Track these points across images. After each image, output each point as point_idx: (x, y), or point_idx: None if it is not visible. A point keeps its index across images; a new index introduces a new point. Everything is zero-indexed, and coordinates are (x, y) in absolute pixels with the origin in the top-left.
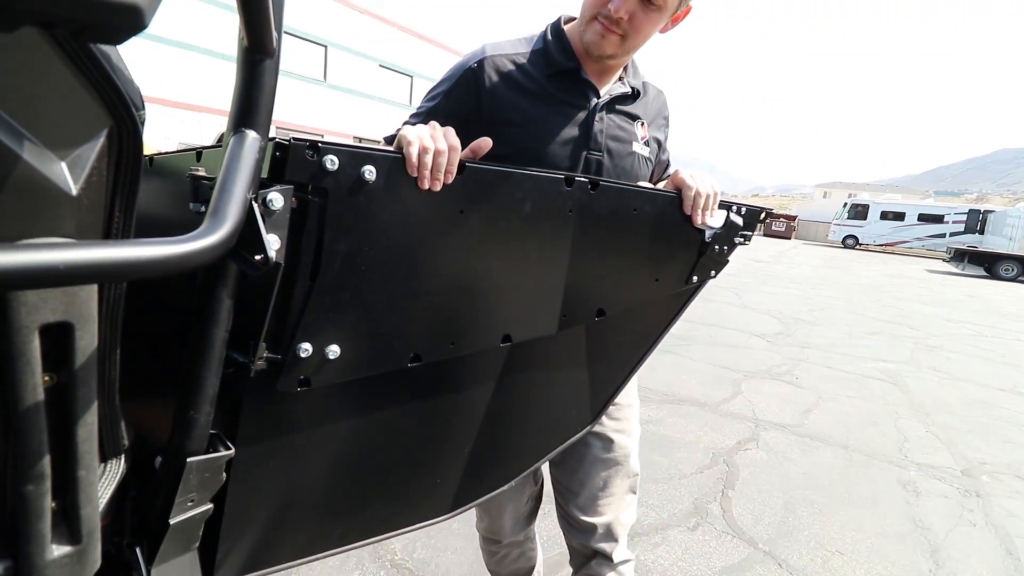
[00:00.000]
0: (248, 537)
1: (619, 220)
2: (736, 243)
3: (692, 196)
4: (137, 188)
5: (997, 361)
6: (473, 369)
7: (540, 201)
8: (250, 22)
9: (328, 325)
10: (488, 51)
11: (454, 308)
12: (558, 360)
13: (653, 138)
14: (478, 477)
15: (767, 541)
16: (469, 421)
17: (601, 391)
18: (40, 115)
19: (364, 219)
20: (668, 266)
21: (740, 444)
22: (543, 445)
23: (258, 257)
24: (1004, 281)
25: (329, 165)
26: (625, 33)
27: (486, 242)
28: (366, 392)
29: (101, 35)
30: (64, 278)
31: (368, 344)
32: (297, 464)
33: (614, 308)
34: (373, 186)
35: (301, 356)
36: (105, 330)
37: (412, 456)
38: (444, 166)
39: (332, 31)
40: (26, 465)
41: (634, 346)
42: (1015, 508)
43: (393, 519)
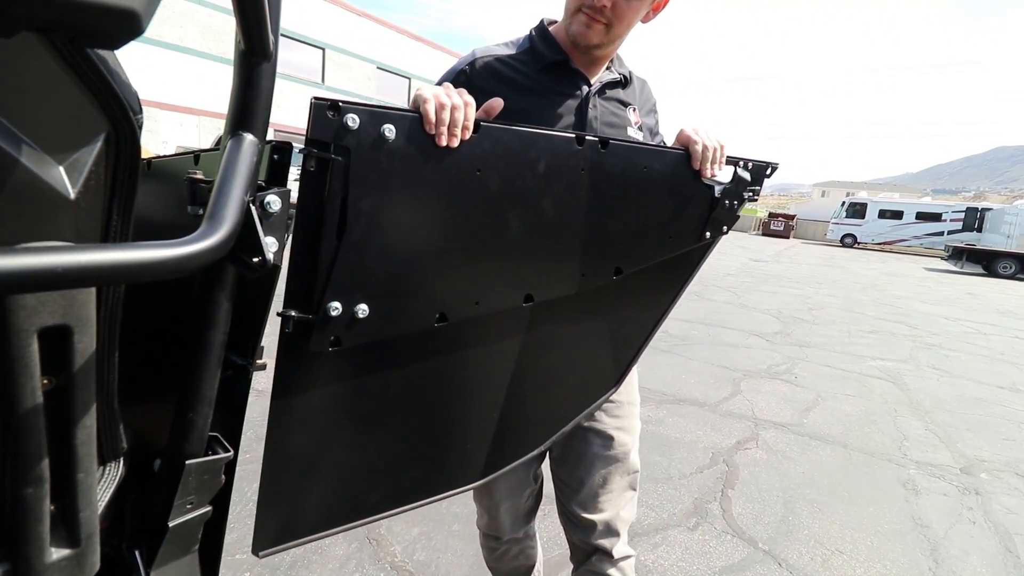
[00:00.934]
0: (284, 505)
1: (630, 178)
2: (745, 198)
3: (699, 150)
4: (135, 192)
5: (996, 359)
6: (499, 332)
7: (553, 160)
8: (247, 26)
9: (356, 284)
10: (478, 53)
11: (476, 267)
12: (580, 323)
13: (645, 124)
14: (507, 443)
15: (767, 540)
16: (496, 386)
17: (622, 354)
18: (38, 119)
19: (386, 177)
20: (681, 223)
21: (740, 443)
22: (568, 410)
23: (256, 259)
24: (1002, 279)
25: (350, 123)
26: (609, 21)
27: (503, 201)
28: (395, 355)
29: (98, 40)
30: (62, 281)
31: (395, 303)
32: (329, 428)
33: (631, 266)
34: (393, 144)
35: (332, 315)
36: (104, 333)
37: (442, 421)
38: (461, 121)
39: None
40: (25, 468)
41: (652, 306)
42: (1014, 505)
43: (426, 486)
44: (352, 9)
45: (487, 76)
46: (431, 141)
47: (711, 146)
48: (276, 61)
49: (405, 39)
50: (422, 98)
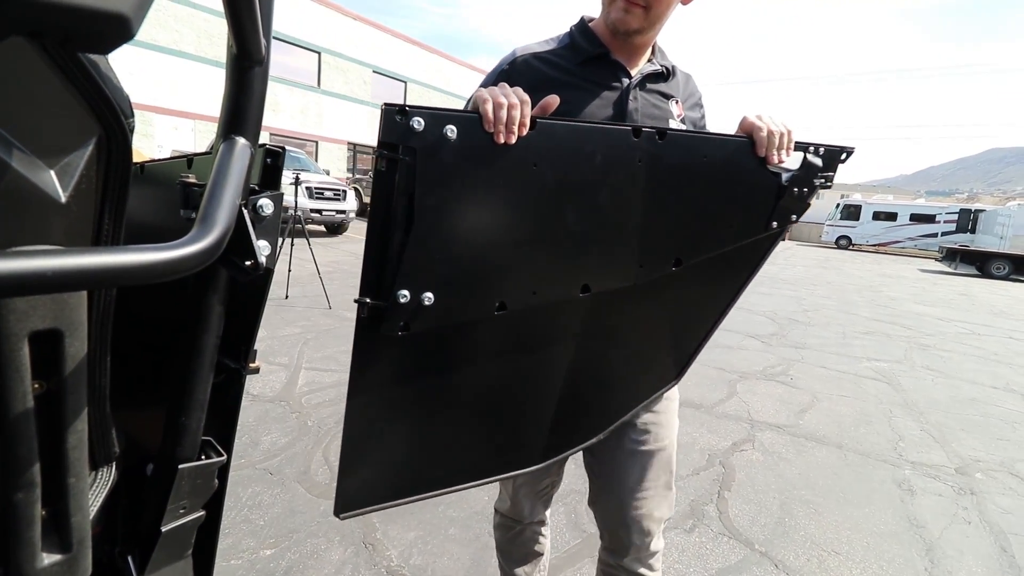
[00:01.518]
0: (361, 473)
1: (690, 168)
2: (816, 185)
3: (764, 136)
4: (126, 195)
5: (990, 359)
6: (559, 321)
7: (610, 152)
8: (239, 30)
9: (422, 274)
10: (518, 52)
11: (533, 258)
12: (640, 314)
13: (688, 117)
14: (565, 430)
15: (763, 542)
16: (556, 374)
17: (684, 346)
18: (29, 124)
19: (448, 174)
20: (744, 212)
21: (736, 445)
22: (626, 400)
23: (248, 263)
24: (996, 279)
25: (416, 126)
26: (647, 4)
27: (560, 194)
28: (460, 341)
29: (89, 44)
30: (52, 285)
31: (457, 292)
32: (400, 405)
33: (691, 257)
34: (455, 143)
35: (400, 302)
36: (95, 337)
37: (504, 405)
38: (517, 119)
39: (326, 37)
40: (16, 472)
41: (716, 298)
42: (1009, 505)
43: (489, 465)
44: (348, 13)
45: (526, 73)
46: (490, 139)
47: (776, 131)
48: (268, 65)
49: (401, 43)
50: (481, 98)
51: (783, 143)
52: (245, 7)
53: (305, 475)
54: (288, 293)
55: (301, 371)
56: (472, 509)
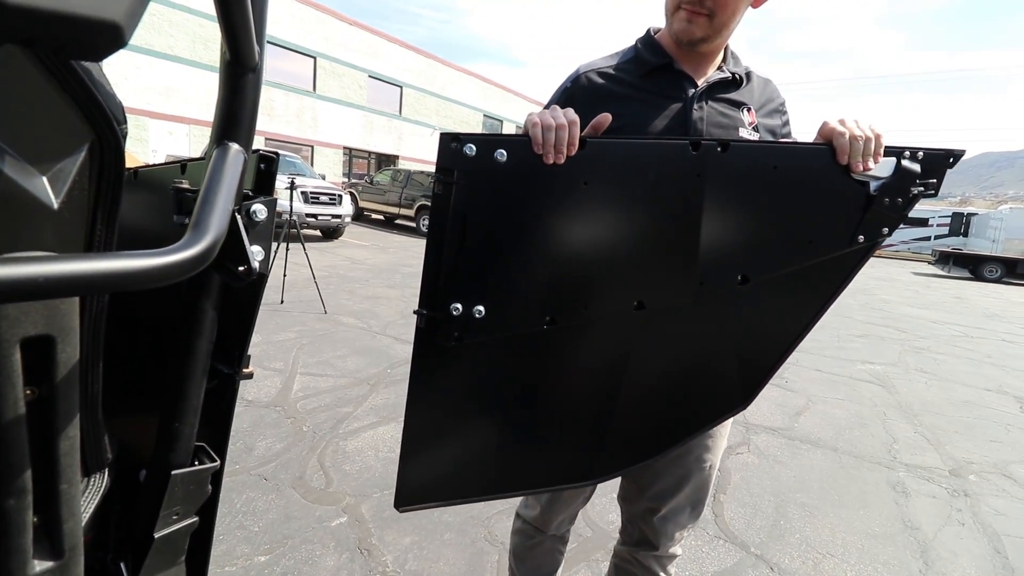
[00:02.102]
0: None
1: (757, 179)
2: (914, 193)
3: (845, 142)
4: (119, 201)
5: (983, 362)
6: (615, 337)
7: (665, 168)
8: (232, 36)
9: (474, 288)
10: (581, 69)
11: (584, 274)
12: (702, 332)
13: (764, 125)
14: (622, 447)
15: (759, 545)
16: (612, 390)
17: (754, 368)
18: (21, 130)
19: (499, 195)
20: (823, 225)
21: (731, 448)
22: (689, 422)
23: (242, 268)
24: (989, 282)
25: (468, 152)
26: (711, 12)
27: (611, 210)
28: (515, 353)
29: (82, 52)
30: (44, 291)
31: (508, 306)
32: (456, 410)
33: (760, 274)
34: (505, 166)
35: (453, 314)
36: (88, 343)
37: (558, 418)
38: (566, 140)
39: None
40: (7, 479)
41: (791, 317)
42: (1002, 507)
43: (545, 476)
44: (344, 18)
45: (588, 89)
46: (539, 160)
47: (860, 135)
48: (262, 71)
49: (397, 48)
50: (531, 122)
51: (869, 149)
52: (238, 14)
53: (300, 481)
54: (283, 298)
55: (296, 376)
56: (467, 514)
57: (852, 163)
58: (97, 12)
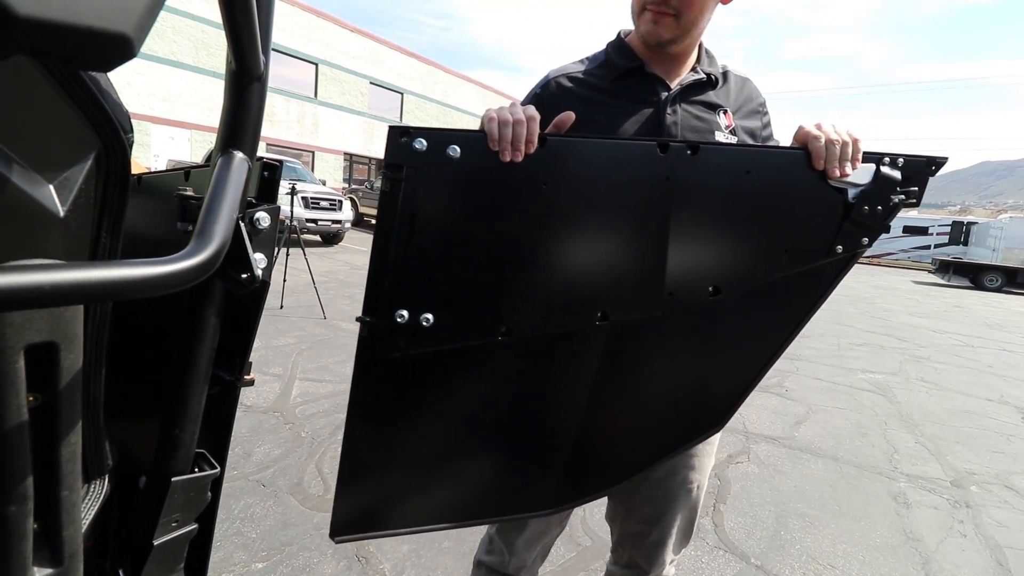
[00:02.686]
0: (358, 496)
1: (729, 185)
2: (895, 202)
3: (821, 147)
4: (124, 209)
5: (984, 371)
6: (576, 351)
7: (630, 170)
8: (238, 47)
9: (422, 294)
10: (552, 74)
11: (543, 282)
12: (673, 347)
13: (742, 127)
14: (586, 473)
15: (759, 555)
16: (575, 408)
17: (730, 386)
18: (29, 139)
19: (453, 194)
20: (800, 234)
21: (731, 457)
22: (659, 444)
23: (245, 275)
24: (989, 292)
25: (418, 146)
26: (677, 11)
27: (574, 214)
28: (466, 367)
29: (91, 63)
30: (50, 299)
31: (459, 314)
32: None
33: (733, 285)
34: (459, 163)
35: (398, 322)
36: (91, 350)
37: (516, 439)
38: (524, 136)
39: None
40: (8, 486)
41: (768, 331)
42: (1004, 518)
43: (496, 504)
44: (345, 25)
45: (558, 95)
46: (496, 158)
47: (837, 140)
48: (267, 81)
49: (398, 55)
50: (487, 117)
51: (846, 154)
52: (244, 25)
53: (298, 487)
54: (283, 303)
55: (295, 382)
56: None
57: (829, 168)
58: (107, 24)
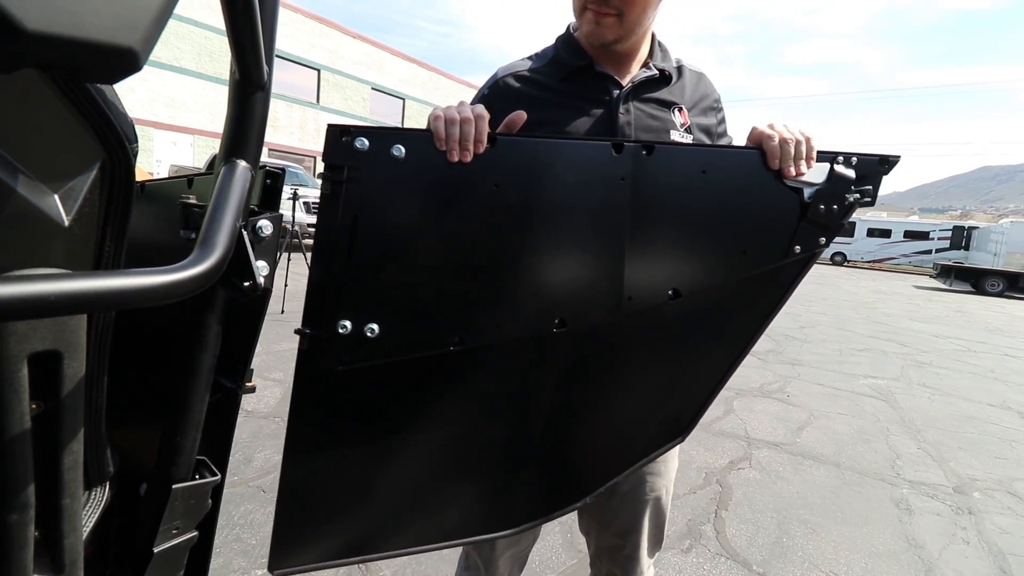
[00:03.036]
0: (299, 525)
1: (686, 185)
2: (850, 201)
3: (775, 145)
4: (128, 219)
5: (986, 376)
6: (533, 360)
7: (585, 170)
8: (242, 57)
9: (366, 303)
10: (500, 73)
11: (496, 288)
12: (634, 353)
13: (698, 125)
14: (548, 489)
15: (761, 563)
16: (533, 424)
17: (693, 393)
18: (35, 149)
19: (397, 196)
20: (758, 235)
21: (733, 463)
22: (623, 455)
23: (247, 284)
24: (991, 296)
25: (359, 146)
26: (619, 10)
27: (526, 216)
28: (416, 381)
29: (97, 76)
30: (55, 308)
31: (407, 324)
32: (345, 452)
33: (692, 287)
34: (404, 163)
35: (340, 333)
36: (93, 357)
37: (472, 457)
38: (472, 135)
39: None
40: (10, 493)
41: (730, 336)
42: (1007, 525)
43: (453, 526)
44: (348, 31)
45: (507, 96)
46: (443, 158)
47: (790, 138)
48: (270, 90)
49: (400, 61)
50: (433, 116)
51: (800, 152)
52: (248, 35)
53: None
54: (284, 308)
55: None
56: None
57: (784, 167)
58: (114, 39)
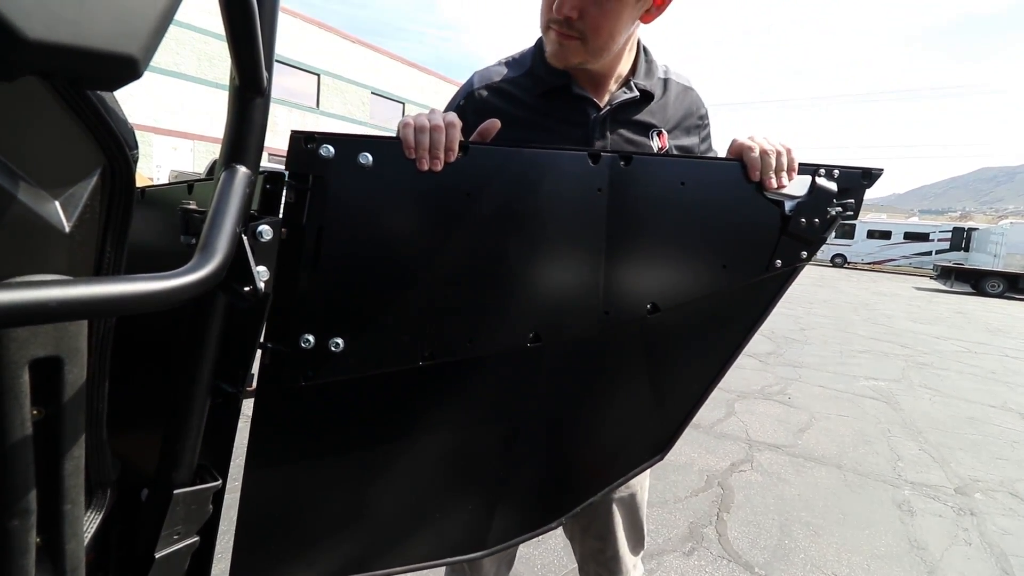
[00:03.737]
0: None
1: (664, 197)
2: (832, 215)
3: (756, 157)
4: (128, 225)
5: (987, 377)
6: (508, 376)
7: (560, 181)
8: (241, 63)
9: (330, 317)
10: (476, 83)
11: (468, 301)
12: (611, 369)
13: (677, 147)
14: (519, 509)
15: (763, 565)
16: (506, 441)
17: (672, 410)
18: (35, 156)
19: (364, 206)
20: (738, 248)
21: (734, 466)
22: (599, 474)
23: (247, 288)
24: (991, 297)
25: (324, 153)
26: (582, 35)
27: (500, 228)
28: (384, 397)
29: (97, 83)
30: (56, 314)
31: (373, 338)
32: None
33: (671, 302)
34: (371, 172)
35: (303, 347)
36: (94, 363)
37: (443, 476)
38: (442, 143)
39: (325, 60)
40: (12, 500)
41: (709, 350)
42: (1009, 526)
43: (424, 548)
44: (347, 36)
45: (482, 112)
46: (413, 167)
47: (771, 150)
48: (270, 96)
49: (400, 65)
50: (402, 123)
51: (781, 164)
52: (248, 41)
53: None
54: None
55: None
56: None
57: (765, 180)
58: (114, 47)
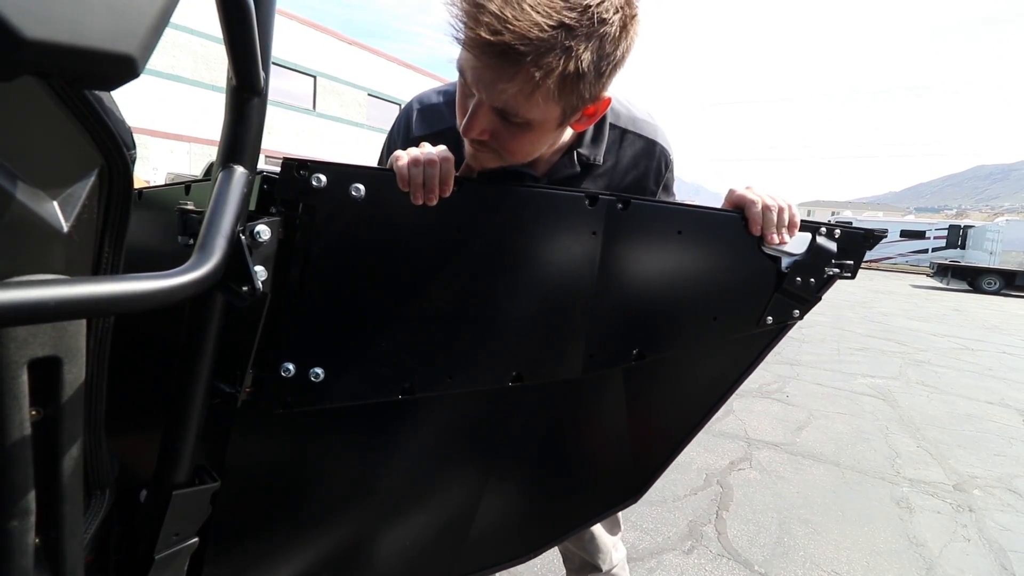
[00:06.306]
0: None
1: (660, 244)
2: (829, 275)
3: (758, 211)
4: (126, 224)
5: (984, 374)
6: (487, 413)
7: (555, 222)
8: (238, 63)
9: (312, 346)
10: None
11: (452, 337)
12: (593, 412)
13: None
14: (494, 543)
15: (763, 563)
16: (483, 476)
17: (650, 456)
18: (34, 156)
19: (352, 238)
20: (730, 302)
21: (733, 464)
22: (573, 514)
23: (245, 288)
24: (987, 294)
25: (315, 183)
26: (497, 151)
27: (489, 265)
28: (363, 428)
29: (95, 83)
30: (54, 314)
31: (354, 370)
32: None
33: (657, 350)
34: (363, 203)
35: (283, 376)
36: (93, 363)
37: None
38: (437, 177)
39: (321, 62)
40: (10, 500)
41: (692, 400)
42: (1008, 522)
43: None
44: (343, 38)
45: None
46: (405, 200)
47: (773, 205)
48: (267, 96)
49: (396, 67)
50: (396, 156)
51: (783, 220)
52: (245, 41)
53: None
54: None
55: None
56: None
57: (767, 235)
58: (112, 46)
